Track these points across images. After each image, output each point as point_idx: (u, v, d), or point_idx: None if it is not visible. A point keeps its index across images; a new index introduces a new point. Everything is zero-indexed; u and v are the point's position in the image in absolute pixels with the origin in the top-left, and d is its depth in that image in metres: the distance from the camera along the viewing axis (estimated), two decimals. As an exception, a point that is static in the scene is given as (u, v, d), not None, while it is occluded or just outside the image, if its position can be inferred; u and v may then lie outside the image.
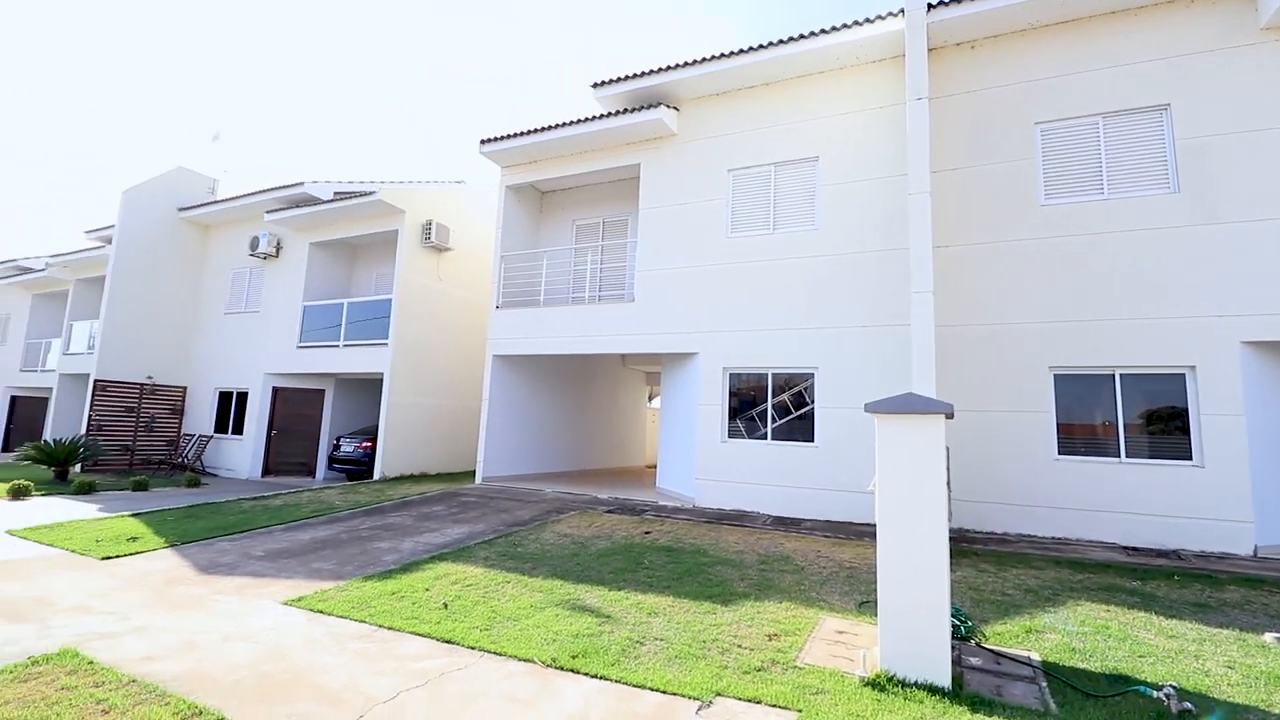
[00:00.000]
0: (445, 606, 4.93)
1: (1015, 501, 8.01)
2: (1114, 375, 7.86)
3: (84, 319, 17.99)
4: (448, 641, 4.26)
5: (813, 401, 9.25)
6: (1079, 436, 7.98)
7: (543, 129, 11.53)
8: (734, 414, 9.82)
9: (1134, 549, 7.17)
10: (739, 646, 4.16)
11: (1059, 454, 7.96)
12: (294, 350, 14.68)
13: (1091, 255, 8.03)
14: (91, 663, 3.79)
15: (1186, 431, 7.49)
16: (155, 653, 4.01)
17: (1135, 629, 4.52)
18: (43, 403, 20.12)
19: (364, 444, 13.53)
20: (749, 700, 3.44)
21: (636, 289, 10.81)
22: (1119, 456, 7.74)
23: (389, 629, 4.51)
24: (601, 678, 3.71)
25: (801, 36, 9.40)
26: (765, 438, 9.53)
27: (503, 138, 11.97)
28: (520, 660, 3.97)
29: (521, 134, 11.76)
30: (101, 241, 17.76)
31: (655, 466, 11.60)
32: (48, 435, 16.28)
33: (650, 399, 19.72)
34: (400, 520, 8.42)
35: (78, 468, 13.71)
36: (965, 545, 7.15)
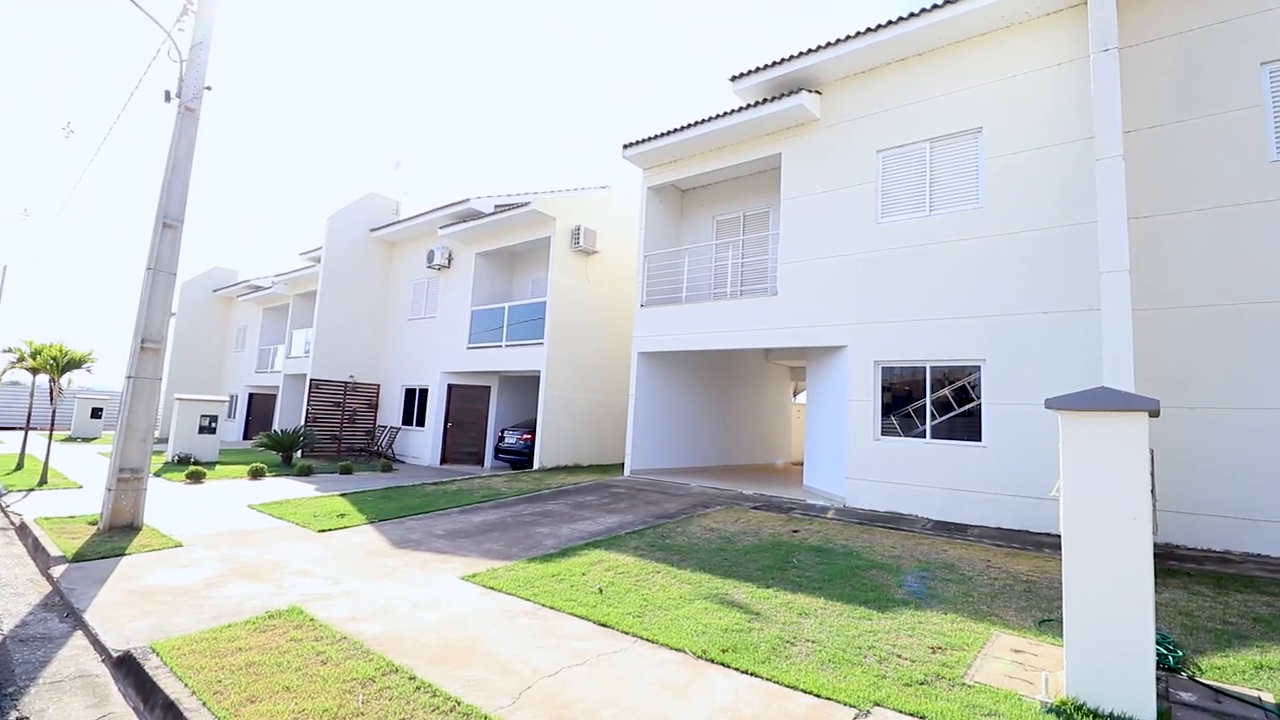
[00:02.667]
0: (600, 591, 5.22)
1: (1241, 514, 6.74)
2: (1391, 363, 6.31)
3: (301, 327, 21.32)
4: (604, 625, 4.52)
5: (979, 397, 8.46)
6: (1338, 439, 6.52)
7: (682, 128, 11.66)
8: (887, 410, 9.27)
9: None
10: (898, 656, 3.96)
11: (1308, 460, 6.56)
12: (464, 351, 16.27)
13: (1355, 216, 6.50)
14: (313, 620, 4.52)
15: None
16: (360, 614, 4.70)
17: None
18: (272, 399, 24.12)
19: (525, 435, 14.65)
20: (911, 714, 3.27)
21: (779, 282, 10.58)
22: (1400, 464, 6.21)
23: (550, 608, 4.87)
24: (752, 674, 3.73)
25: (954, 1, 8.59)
26: (923, 436, 8.89)
27: (644, 140, 12.28)
28: (672, 649, 4.10)
29: (662, 135, 11.99)
30: (312, 261, 20.91)
31: (801, 464, 11.28)
32: (276, 426, 19.58)
33: (795, 394, 19.18)
34: (557, 508, 9.02)
35: (299, 453, 16.28)
36: (1174, 564, 6.16)
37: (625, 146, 12.63)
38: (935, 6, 8.79)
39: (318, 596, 5.09)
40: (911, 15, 9.00)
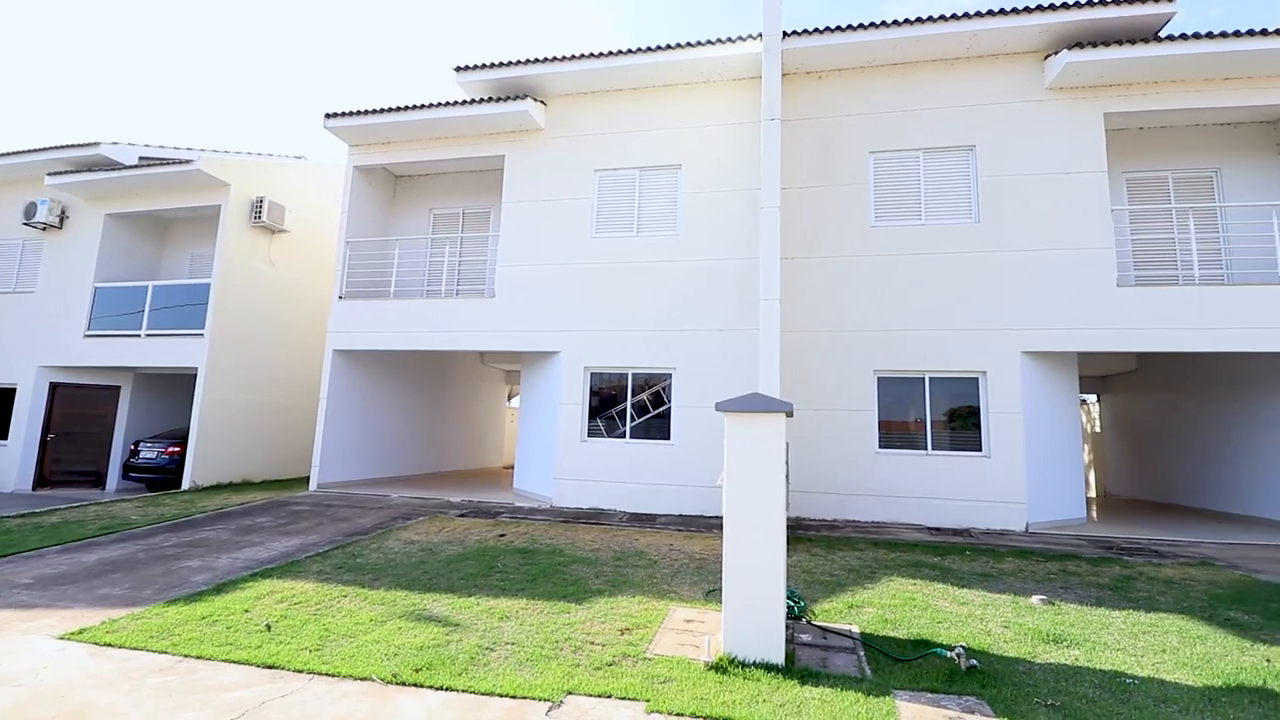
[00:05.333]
0: (268, 628, 4.42)
1: (843, 491, 8.87)
2: (924, 378, 8.98)
3: None
4: (270, 667, 3.82)
5: (670, 401, 9.56)
6: (895, 432, 9.02)
7: (398, 108, 10.81)
8: (594, 413, 9.88)
9: (937, 529, 8.24)
10: (592, 644, 4.16)
11: (879, 448, 8.94)
12: (80, 340, 12.45)
13: (910, 273, 9.11)
14: None
15: (978, 427, 8.75)
16: None
17: (935, 599, 5.18)
18: None
19: (170, 449, 11.79)
20: (599, 695, 3.45)
21: (497, 284, 10.49)
22: (926, 449, 8.86)
23: (198, 658, 3.94)
24: (447, 689, 3.53)
25: (668, 47, 9.71)
26: (624, 436, 9.69)
27: (352, 113, 11.05)
28: (356, 679, 3.65)
29: (374, 111, 10.93)
30: None
31: (514, 467, 11.33)
32: None
33: (510, 398, 19.27)
34: (215, 535, 7.44)
35: None
36: (801, 532, 7.77)
37: (329, 116, 11.19)
38: (650, 49, 9.78)
39: None
40: (631, 51, 9.86)
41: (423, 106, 10.69)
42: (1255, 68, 8.49)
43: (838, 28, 9.25)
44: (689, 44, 9.63)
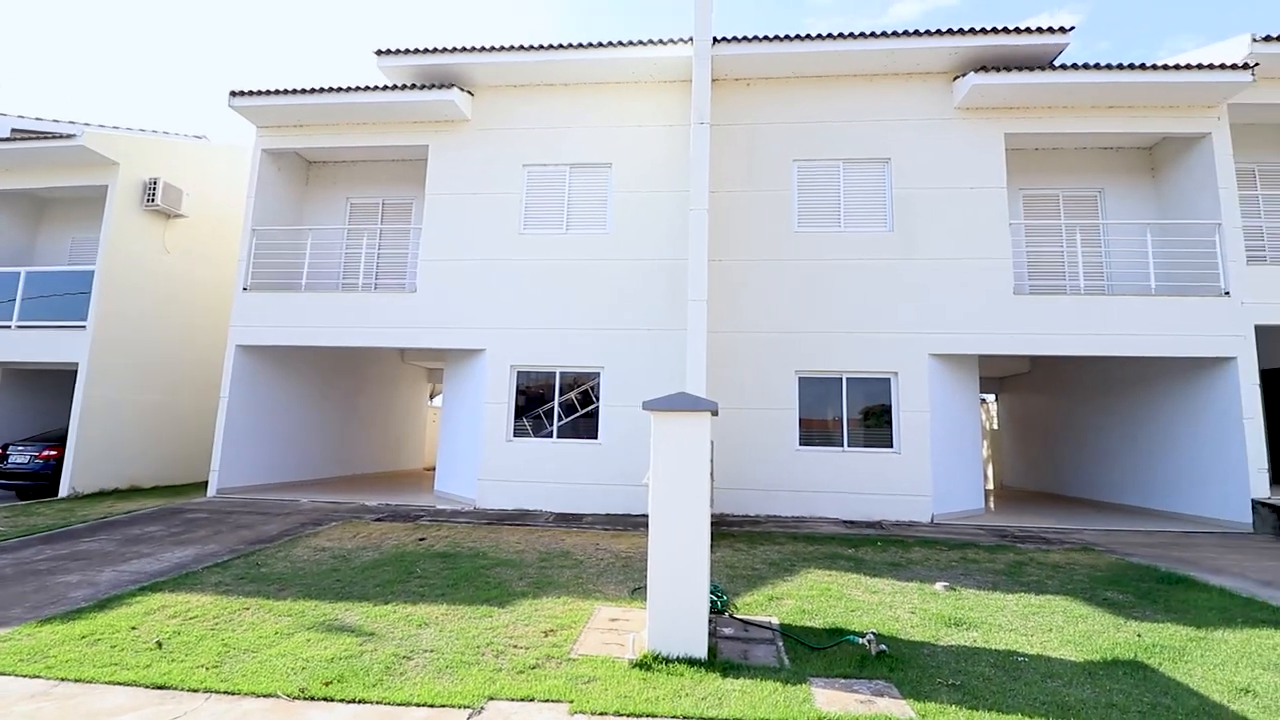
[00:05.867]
0: (159, 645, 4.06)
1: (766, 487, 9.13)
2: (842, 379, 9.38)
3: None
4: (161, 687, 3.51)
5: (599, 400, 9.53)
6: (815, 430, 9.38)
7: (313, 90, 10.22)
8: (520, 412, 9.71)
9: (852, 522, 8.62)
10: (514, 647, 4.08)
11: (800, 445, 9.26)
12: (-67, 329, 11.05)
13: (830, 277, 9.49)
14: None
15: (890, 425, 9.22)
16: None
17: (849, 589, 5.42)
18: None
19: (45, 452, 10.66)
20: (522, 699, 3.38)
21: (420, 279, 10.12)
22: (843, 446, 9.26)
23: (77, 681, 3.57)
24: (360, 701, 3.36)
25: (600, 45, 9.68)
26: (551, 436, 9.58)
27: (261, 92, 10.36)
28: (259, 696, 3.41)
29: (285, 91, 10.29)
30: None
31: (435, 469, 10.97)
32: None
33: (432, 397, 18.65)
34: (97, 546, 6.78)
35: None
36: (725, 528, 7.93)
37: (234, 94, 10.44)
38: (579, 45, 9.71)
39: None
40: (559, 46, 9.75)
41: (341, 90, 10.16)
42: (1134, 98, 9.39)
43: (765, 38, 9.50)
44: (620, 43, 9.63)
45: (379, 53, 10.17)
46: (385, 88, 10.09)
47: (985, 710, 3.26)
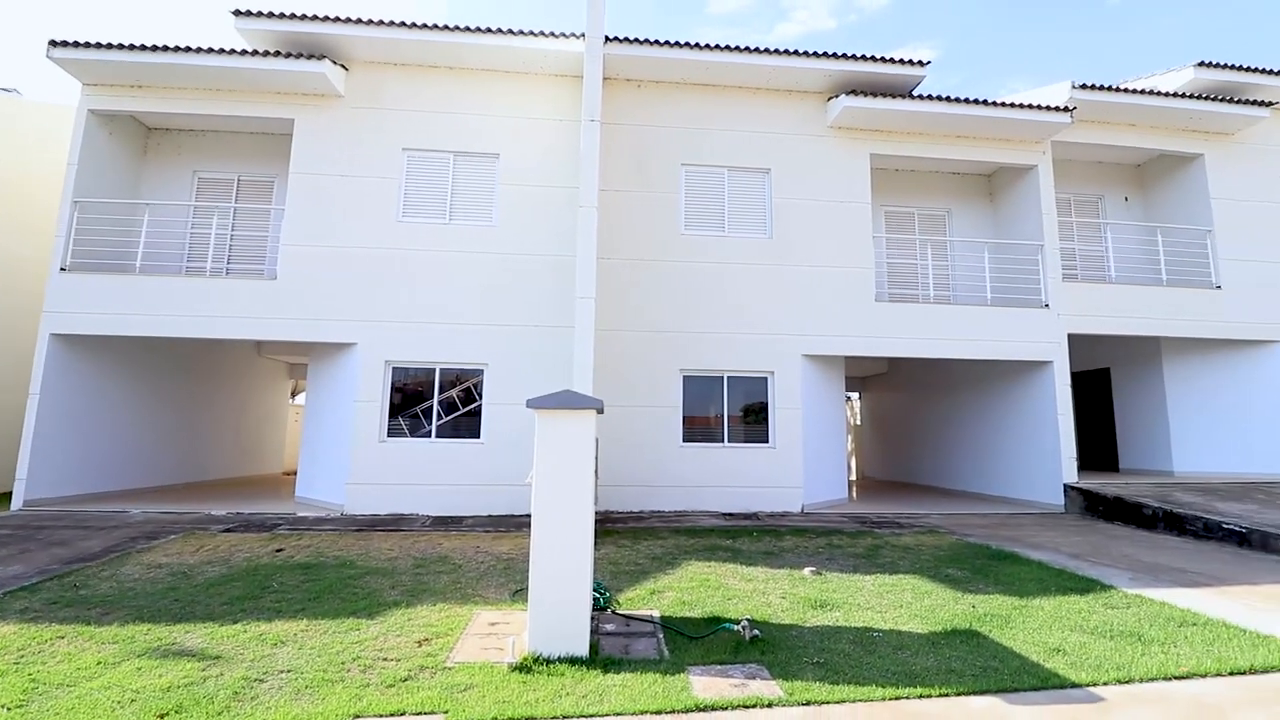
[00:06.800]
0: (-69, 689, 3.38)
1: (650, 483, 9.29)
2: (724, 377, 9.75)
3: None
4: (-70, 740, 2.92)
5: (482, 398, 9.22)
6: (698, 427, 9.68)
7: (155, 47, 9.02)
8: (396, 411, 9.17)
9: (731, 515, 8.99)
10: (385, 660, 3.82)
11: (683, 442, 9.52)
12: None
13: (714, 279, 9.82)
14: None
15: (767, 422, 9.71)
16: None
17: (727, 578, 5.63)
18: None
19: None
20: (392, 714, 3.17)
21: (281, 265, 9.25)
22: (724, 442, 9.63)
23: None
24: (198, 733, 2.99)
25: (488, 30, 9.35)
26: (430, 435, 9.14)
27: (90, 45, 9.00)
28: (67, 739, 2.94)
29: (120, 46, 9.00)
30: None
31: (297, 473, 10.08)
32: None
33: (294, 395, 17.18)
34: None
35: None
36: (609, 525, 7.97)
37: (54, 44, 8.98)
38: (467, 29, 9.33)
39: None
40: (445, 27, 9.31)
41: (189, 50, 9.04)
42: (977, 130, 10.56)
43: (657, 41, 9.66)
44: (511, 31, 9.37)
45: (236, 13, 9.18)
46: (245, 52, 9.12)
47: (844, 684, 3.50)
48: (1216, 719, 3.16)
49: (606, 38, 9.33)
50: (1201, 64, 10.82)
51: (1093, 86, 10.33)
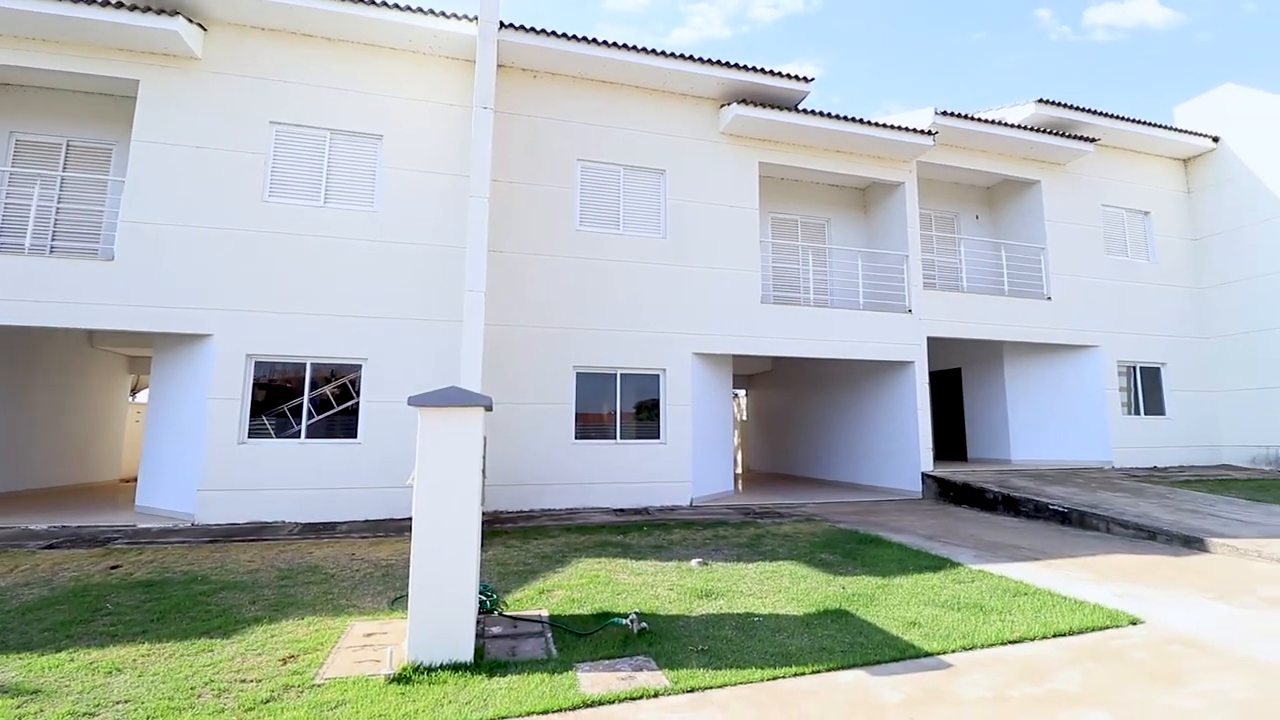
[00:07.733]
0: None
1: (542, 481, 9.16)
2: (617, 374, 9.81)
3: None
4: None
5: (359, 395, 8.65)
6: (590, 423, 9.67)
7: (-49, -19, 7.62)
8: (259, 409, 8.38)
9: (622, 510, 9.06)
10: (243, 681, 3.48)
11: (576, 438, 9.47)
12: None
13: (608, 277, 9.84)
14: None
15: (658, 418, 9.89)
16: None
17: (617, 574, 5.66)
18: None
19: None
20: (248, 742, 2.88)
21: (120, 245, 8.16)
22: (616, 439, 9.69)
23: None
24: (-1, 785, 2.56)
25: (371, 1, 8.75)
26: (299, 435, 8.44)
27: None
28: None
29: (-98, -26, 7.51)
30: None
31: (138, 480, 8.94)
32: None
33: (135, 392, 15.25)
34: None
35: None
36: (499, 526, 7.77)
37: None
38: (344, -2, 8.68)
39: None
40: (318, -6, 8.60)
41: (0, -13, 7.72)
42: (854, 146, 11.35)
43: (553, 33, 9.50)
44: (397, 5, 8.84)
45: (66, -49, 7.95)
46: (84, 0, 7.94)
47: (727, 668, 3.63)
48: (1041, 677, 3.60)
49: (502, 24, 9.07)
50: (1041, 100, 12.31)
51: (952, 114, 11.45)
